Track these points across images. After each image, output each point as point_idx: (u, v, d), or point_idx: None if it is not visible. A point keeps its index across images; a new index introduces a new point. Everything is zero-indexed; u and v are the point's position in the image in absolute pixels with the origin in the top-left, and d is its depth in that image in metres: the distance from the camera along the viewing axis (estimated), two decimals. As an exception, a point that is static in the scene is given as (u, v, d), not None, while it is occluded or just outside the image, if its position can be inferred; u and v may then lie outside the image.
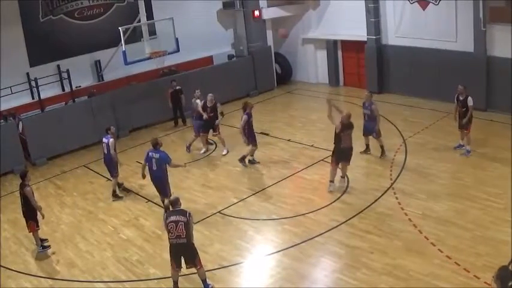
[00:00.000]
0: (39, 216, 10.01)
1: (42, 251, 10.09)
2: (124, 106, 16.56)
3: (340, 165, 11.41)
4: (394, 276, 8.16)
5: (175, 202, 8.22)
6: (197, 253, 8.21)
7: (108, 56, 17.10)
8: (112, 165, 12.13)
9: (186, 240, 7.97)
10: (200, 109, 14.01)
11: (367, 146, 13.14)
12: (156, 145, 10.77)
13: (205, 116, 13.90)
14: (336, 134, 11.05)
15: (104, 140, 12.02)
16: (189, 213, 8.02)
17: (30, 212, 9.95)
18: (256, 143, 13.17)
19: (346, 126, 10.99)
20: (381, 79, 18.35)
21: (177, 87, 16.63)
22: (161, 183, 10.88)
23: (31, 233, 10.15)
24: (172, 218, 7.97)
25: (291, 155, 13.78)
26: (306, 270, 8.72)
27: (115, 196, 12.26)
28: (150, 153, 10.75)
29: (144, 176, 11.11)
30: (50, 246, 10.25)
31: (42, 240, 10.25)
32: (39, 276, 9.32)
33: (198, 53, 19.23)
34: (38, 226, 10.10)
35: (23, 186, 9.86)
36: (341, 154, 11.18)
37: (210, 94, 13.98)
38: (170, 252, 8.26)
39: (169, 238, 8.11)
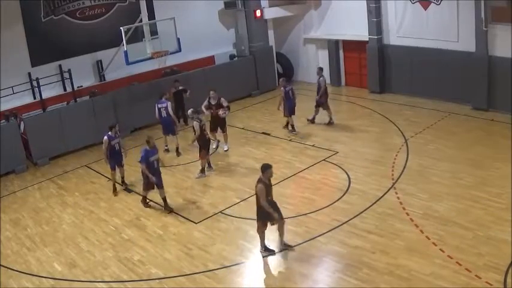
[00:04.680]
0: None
1: (266, 254, 9.24)
2: (125, 106, 16.56)
3: None
4: (396, 276, 8.16)
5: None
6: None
7: (109, 56, 17.12)
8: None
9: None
10: (203, 108, 14.02)
11: (293, 125, 15.22)
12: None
13: (207, 112, 14.04)
14: None
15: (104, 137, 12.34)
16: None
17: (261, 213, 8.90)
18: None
19: None
20: (383, 79, 18.33)
21: (180, 87, 16.61)
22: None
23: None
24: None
25: (292, 155, 13.77)
26: (308, 270, 8.72)
27: (114, 191, 12.56)
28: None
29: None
30: (274, 251, 9.27)
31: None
32: (40, 276, 9.32)
33: (200, 53, 19.25)
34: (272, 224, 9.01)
35: (258, 181, 8.69)
36: None
37: (212, 91, 14.00)
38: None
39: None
